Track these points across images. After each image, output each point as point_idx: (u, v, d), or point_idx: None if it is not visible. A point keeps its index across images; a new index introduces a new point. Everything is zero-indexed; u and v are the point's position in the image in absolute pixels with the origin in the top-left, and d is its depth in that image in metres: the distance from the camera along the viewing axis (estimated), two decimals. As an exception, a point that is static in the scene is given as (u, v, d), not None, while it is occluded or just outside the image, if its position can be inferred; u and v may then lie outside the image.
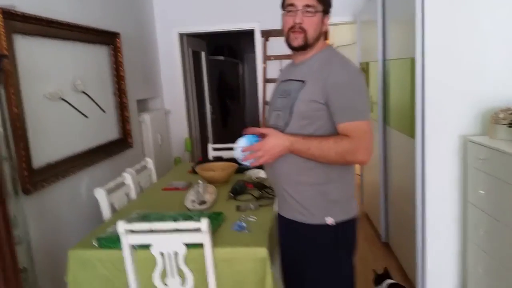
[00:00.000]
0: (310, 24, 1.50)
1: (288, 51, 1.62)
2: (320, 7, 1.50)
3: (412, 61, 2.42)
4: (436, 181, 2.41)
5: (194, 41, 5.03)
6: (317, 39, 1.54)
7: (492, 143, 2.11)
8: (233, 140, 3.56)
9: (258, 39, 4.40)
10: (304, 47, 1.53)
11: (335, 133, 1.48)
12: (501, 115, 2.21)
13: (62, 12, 2.65)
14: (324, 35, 1.59)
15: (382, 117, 3.29)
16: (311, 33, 1.51)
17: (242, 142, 1.52)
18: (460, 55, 2.32)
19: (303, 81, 1.52)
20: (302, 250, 1.60)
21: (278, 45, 4.32)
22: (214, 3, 4.35)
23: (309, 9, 1.48)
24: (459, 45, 2.31)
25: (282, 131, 1.53)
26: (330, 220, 1.53)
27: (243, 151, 1.50)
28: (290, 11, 1.51)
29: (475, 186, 2.24)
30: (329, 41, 5.23)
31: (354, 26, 4.51)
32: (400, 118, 2.83)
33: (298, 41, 1.52)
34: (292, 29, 1.51)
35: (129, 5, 3.79)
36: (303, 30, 1.50)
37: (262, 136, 1.51)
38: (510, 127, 2.15)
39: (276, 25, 4.56)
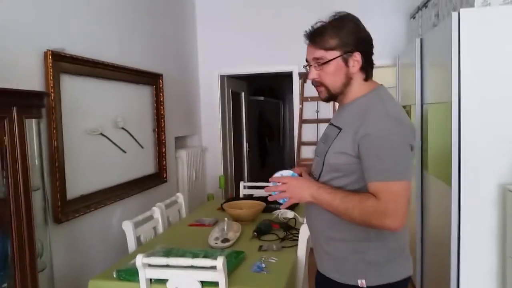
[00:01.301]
0: (325, 76, 1.38)
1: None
2: (333, 54, 1.35)
3: (449, 105, 2.36)
4: (473, 232, 2.26)
5: (234, 82, 5.20)
6: (345, 85, 1.39)
7: (533, 194, 1.97)
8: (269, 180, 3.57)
9: (296, 81, 4.48)
10: (331, 98, 1.43)
11: None
12: (544, 164, 2.08)
13: (108, 54, 2.86)
14: (364, 74, 1.40)
15: (420, 162, 3.18)
16: (331, 84, 1.39)
17: (282, 173, 1.45)
18: (497, 101, 2.23)
19: (340, 129, 1.40)
20: None
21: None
22: (255, 46, 4.52)
23: (318, 61, 1.37)
24: (497, 91, 2.23)
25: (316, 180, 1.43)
26: (362, 283, 1.35)
27: (269, 180, 1.43)
28: (308, 67, 1.44)
29: (515, 239, 2.08)
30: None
31: (394, 69, 4.49)
32: (438, 164, 2.73)
33: (322, 94, 1.43)
34: (312, 83, 1.45)
35: (173, 48, 4.02)
36: (321, 84, 1.40)
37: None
38: (553, 177, 2.01)
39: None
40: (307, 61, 1.43)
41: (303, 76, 4.37)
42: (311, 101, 4.37)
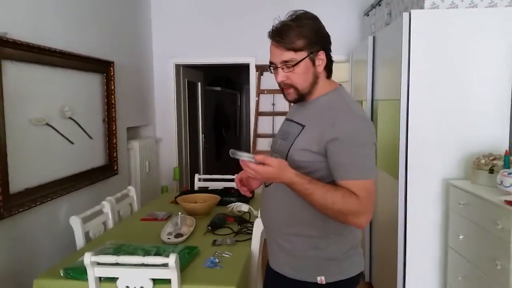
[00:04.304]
0: (295, 77, 1.36)
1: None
2: (302, 55, 1.33)
3: (398, 103, 2.45)
4: (418, 223, 2.39)
5: (190, 72, 5.11)
6: (313, 84, 1.38)
7: (473, 189, 2.10)
8: (225, 171, 3.56)
9: (252, 73, 4.47)
10: (301, 98, 1.40)
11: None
12: (483, 161, 2.21)
13: (56, 39, 2.70)
14: (327, 70, 1.42)
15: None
16: (301, 85, 1.37)
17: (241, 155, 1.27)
18: (444, 100, 2.35)
19: (302, 126, 1.39)
20: None
21: (271, 80, 4.40)
22: (212, 37, 4.45)
23: (288, 64, 1.34)
24: (444, 90, 2.35)
25: None
26: (321, 279, 1.37)
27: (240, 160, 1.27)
28: (273, 68, 1.40)
29: (455, 230, 2.22)
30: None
31: (348, 65, 4.59)
32: (386, 158, 2.84)
33: (291, 96, 1.40)
34: (280, 85, 1.40)
35: (126, 35, 3.87)
36: (291, 85, 1.37)
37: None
38: (491, 173, 2.15)
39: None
40: (272, 63, 1.39)
41: (260, 69, 4.37)
42: (268, 93, 4.38)
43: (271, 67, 1.41)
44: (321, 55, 1.37)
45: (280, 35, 1.33)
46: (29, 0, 2.48)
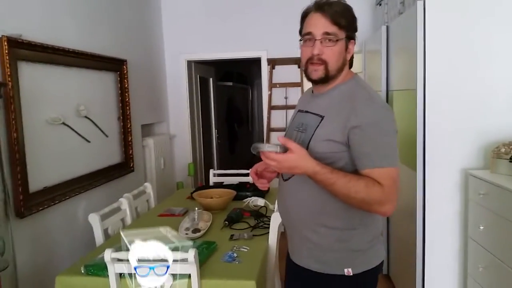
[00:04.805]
0: (331, 54, 1.31)
1: (294, 79, 1.42)
2: (342, 34, 1.31)
3: (414, 92, 2.41)
4: (437, 214, 2.36)
5: (202, 67, 5.12)
6: (340, 69, 1.36)
7: (493, 178, 2.06)
8: (239, 165, 3.57)
9: (264, 66, 4.45)
10: (325, 79, 1.35)
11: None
12: (503, 150, 2.17)
13: (70, 40, 2.73)
14: (349, 62, 1.41)
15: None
16: (333, 64, 1.33)
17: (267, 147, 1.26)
18: (462, 88, 2.30)
19: (321, 116, 1.35)
20: None
21: (283, 73, 4.41)
22: (222, 32, 4.44)
23: (330, 37, 1.30)
24: (461, 78, 2.30)
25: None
26: (349, 271, 1.36)
27: (258, 153, 1.26)
28: (307, 40, 1.34)
29: (475, 221, 2.18)
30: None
31: (360, 55, 4.54)
32: (403, 149, 2.80)
33: (318, 73, 1.34)
34: (310, 60, 1.34)
35: (138, 33, 3.89)
36: (323, 62, 1.32)
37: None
38: (511, 162, 2.10)
39: (282, 53, 4.66)
40: (309, 34, 1.33)
41: (272, 62, 4.36)
42: (280, 87, 4.36)
43: (305, 38, 1.35)
44: (352, 44, 1.37)
45: (329, 6, 1.31)
46: (43, 2, 2.50)
